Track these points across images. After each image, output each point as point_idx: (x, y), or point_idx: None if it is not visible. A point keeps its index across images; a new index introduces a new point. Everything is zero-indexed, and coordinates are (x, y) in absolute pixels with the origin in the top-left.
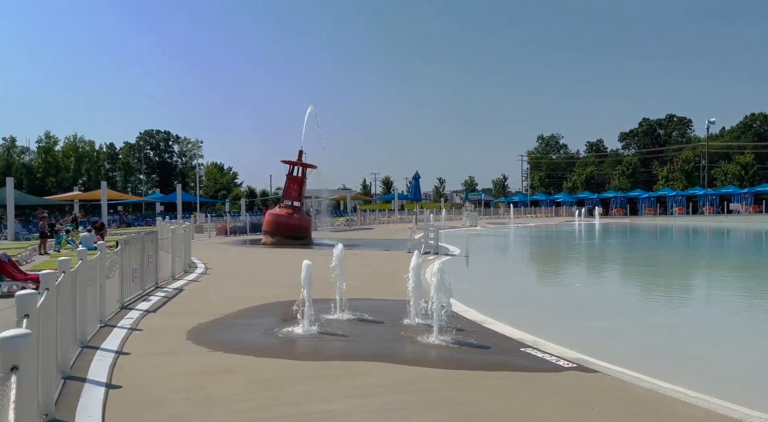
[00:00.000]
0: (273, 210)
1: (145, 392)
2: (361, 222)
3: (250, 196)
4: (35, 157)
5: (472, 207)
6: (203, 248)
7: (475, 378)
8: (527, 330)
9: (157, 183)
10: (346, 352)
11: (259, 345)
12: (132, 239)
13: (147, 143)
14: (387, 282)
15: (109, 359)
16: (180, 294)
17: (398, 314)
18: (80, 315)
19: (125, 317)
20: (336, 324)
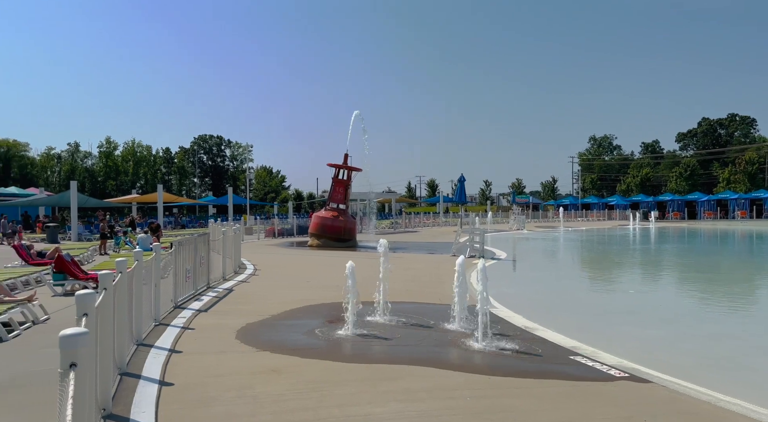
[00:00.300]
0: (319, 213)
1: (195, 390)
2: (405, 225)
3: (298, 199)
4: (97, 161)
5: (519, 210)
6: (252, 249)
7: (523, 385)
8: (577, 337)
9: (209, 186)
10: (390, 355)
11: (304, 345)
12: (185, 240)
13: (201, 147)
14: (431, 286)
15: (162, 356)
16: (230, 294)
17: (443, 318)
18: (136, 314)
19: (178, 316)
20: (380, 327)
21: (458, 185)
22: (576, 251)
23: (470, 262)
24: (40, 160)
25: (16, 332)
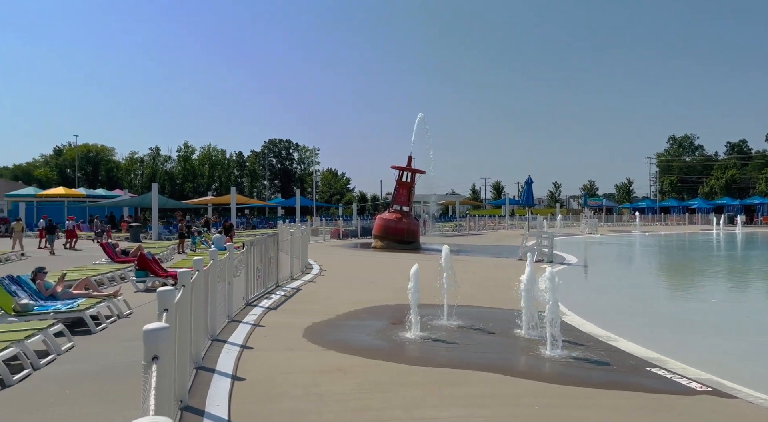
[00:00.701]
0: (383, 215)
1: (265, 386)
2: (469, 228)
3: (362, 200)
4: (176, 165)
5: (591, 213)
6: (318, 250)
7: (595, 396)
8: (653, 347)
9: (278, 188)
10: (455, 360)
11: (369, 346)
12: (256, 241)
13: (270, 151)
14: (497, 290)
15: (235, 352)
16: (297, 294)
17: (509, 323)
18: (211, 310)
19: (249, 313)
20: (444, 331)
21: (525, 187)
22: (653, 257)
23: (538, 266)
24: (125, 163)
25: (102, 325)
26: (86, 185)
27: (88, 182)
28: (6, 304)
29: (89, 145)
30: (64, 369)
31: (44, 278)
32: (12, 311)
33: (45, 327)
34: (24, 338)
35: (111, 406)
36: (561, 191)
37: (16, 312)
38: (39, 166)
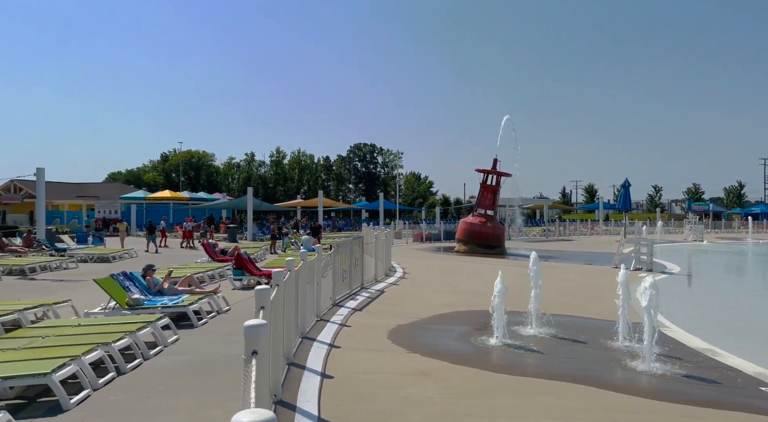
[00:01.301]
0: (467, 218)
1: (352, 384)
2: (559, 233)
3: (445, 204)
4: (268, 169)
5: (696, 219)
6: (401, 253)
7: (698, 415)
8: (766, 364)
9: (363, 192)
10: (543, 369)
11: (453, 351)
12: (342, 243)
13: (356, 155)
14: (589, 299)
15: (323, 350)
16: (382, 296)
17: (601, 334)
18: (301, 309)
19: (336, 313)
20: (531, 339)
21: (622, 190)
22: (766, 267)
23: (635, 275)
24: (223, 168)
25: (204, 320)
26: (189, 188)
27: (191, 185)
28: (121, 298)
29: (192, 151)
30: (170, 360)
31: (153, 275)
32: (125, 305)
33: (154, 320)
34: (136, 330)
35: (212, 397)
36: (662, 194)
37: (128, 306)
38: (148, 171)
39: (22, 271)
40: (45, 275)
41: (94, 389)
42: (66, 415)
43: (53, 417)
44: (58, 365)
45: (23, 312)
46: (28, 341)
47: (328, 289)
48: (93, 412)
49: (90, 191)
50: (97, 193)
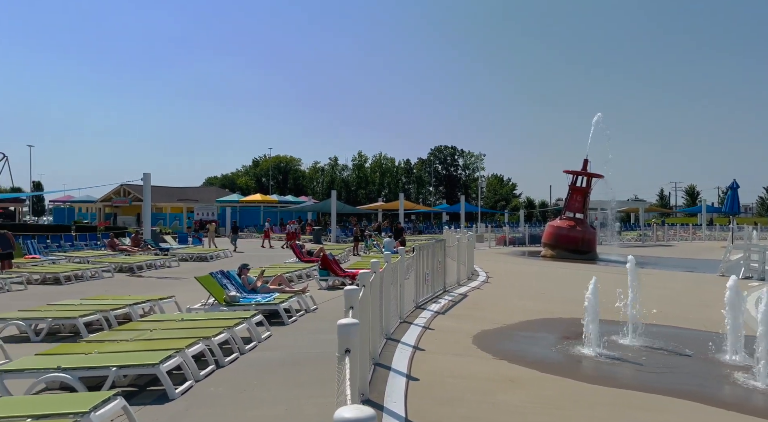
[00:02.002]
0: (554, 222)
1: (438, 388)
2: (657, 238)
3: (529, 207)
4: (351, 173)
5: None
6: (483, 257)
7: None
8: None
9: (443, 195)
10: (641, 382)
11: (542, 359)
12: (424, 246)
13: (436, 157)
14: (692, 308)
15: (408, 352)
16: (465, 300)
17: (707, 347)
18: (385, 311)
19: (419, 316)
20: (628, 350)
21: (729, 192)
22: None
23: (746, 284)
24: (309, 172)
25: (293, 318)
26: (277, 192)
27: (279, 189)
28: (219, 295)
29: (280, 156)
30: (264, 355)
31: (247, 274)
32: (223, 302)
33: (249, 317)
34: (233, 325)
35: (304, 392)
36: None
37: (226, 302)
38: (240, 175)
39: (131, 268)
40: (150, 273)
41: (196, 380)
42: (172, 404)
43: (161, 405)
44: (165, 356)
45: (133, 307)
46: (138, 333)
47: (411, 291)
48: (196, 402)
49: (189, 195)
50: (196, 196)
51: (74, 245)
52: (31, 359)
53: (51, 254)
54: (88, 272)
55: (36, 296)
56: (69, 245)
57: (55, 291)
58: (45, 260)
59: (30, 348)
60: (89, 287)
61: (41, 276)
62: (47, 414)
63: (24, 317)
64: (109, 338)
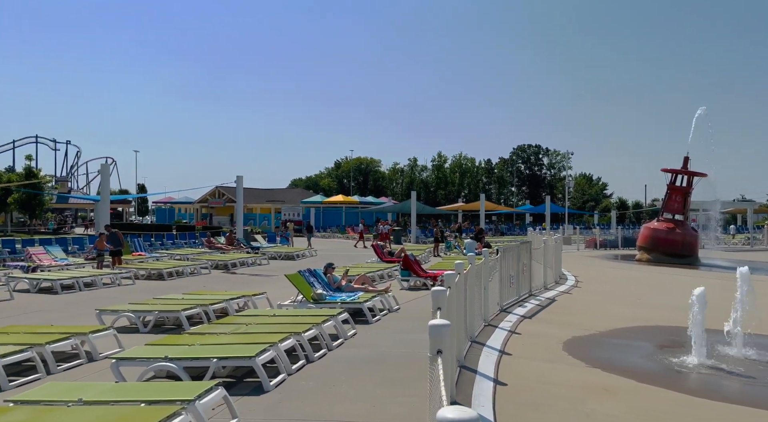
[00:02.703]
0: (650, 224)
1: (527, 393)
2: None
3: (621, 208)
4: (430, 173)
5: None
6: (572, 260)
7: None
8: None
9: (526, 195)
10: (754, 397)
11: (640, 368)
12: (509, 247)
13: (519, 157)
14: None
15: (494, 356)
16: (552, 304)
17: None
18: (469, 313)
19: (504, 320)
20: (737, 361)
21: None
22: None
23: None
24: (389, 173)
25: (377, 317)
26: (358, 193)
27: (360, 190)
28: (307, 292)
29: (361, 158)
30: (351, 352)
31: (332, 273)
32: (311, 299)
33: (335, 314)
34: (321, 322)
35: (390, 389)
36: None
37: (313, 300)
38: (323, 177)
39: (226, 266)
40: (243, 270)
41: (288, 374)
42: (267, 395)
43: (256, 396)
44: (261, 350)
45: (229, 302)
46: (235, 327)
47: (495, 294)
48: (289, 395)
49: (277, 196)
50: (283, 198)
51: (175, 243)
52: (141, 348)
53: (155, 252)
54: (188, 268)
55: (142, 290)
56: (170, 243)
57: (159, 286)
58: (150, 257)
59: (139, 338)
60: (189, 282)
61: (147, 272)
62: (158, 400)
63: (134, 309)
64: (209, 331)
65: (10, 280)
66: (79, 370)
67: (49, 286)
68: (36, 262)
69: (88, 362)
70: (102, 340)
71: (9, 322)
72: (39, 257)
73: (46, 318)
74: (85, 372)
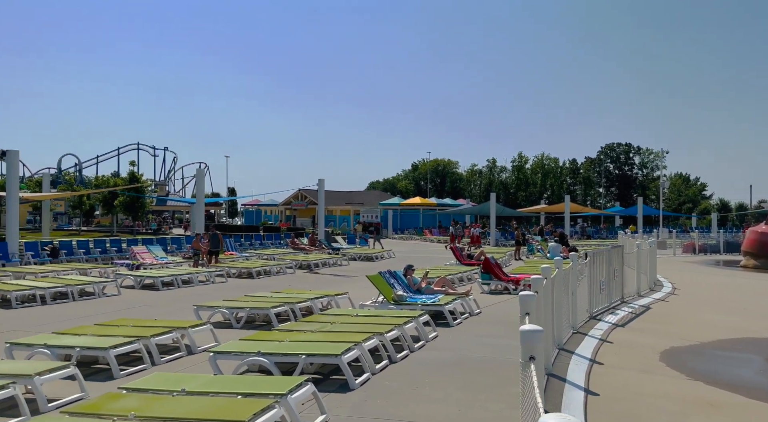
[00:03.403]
0: (757, 227)
1: (622, 405)
2: None
3: (723, 210)
4: (510, 175)
5: None
6: (668, 265)
7: None
8: None
9: (615, 196)
10: None
11: (748, 383)
12: (599, 252)
13: (607, 156)
14: None
15: (584, 365)
16: (647, 312)
17: None
18: (556, 319)
19: (594, 327)
20: None
21: None
22: None
23: None
24: (466, 175)
25: (458, 320)
26: (435, 195)
27: (437, 192)
28: (388, 293)
29: (438, 159)
30: (433, 355)
31: (412, 274)
32: (391, 300)
33: (417, 316)
34: (403, 323)
35: (475, 394)
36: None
37: (394, 301)
38: (400, 179)
39: (309, 266)
40: (325, 270)
41: (372, 373)
42: (352, 393)
43: (342, 393)
44: (346, 348)
45: (314, 301)
46: (320, 325)
47: (584, 301)
48: (374, 394)
49: (355, 199)
50: (361, 200)
51: (262, 244)
52: (236, 343)
53: (244, 252)
54: (274, 268)
55: (234, 288)
56: (258, 243)
57: (248, 284)
58: (240, 256)
59: (232, 333)
60: (275, 281)
61: (238, 271)
62: (252, 392)
63: (228, 306)
64: (296, 328)
65: (118, 277)
66: (179, 362)
67: (152, 283)
68: (139, 260)
69: (188, 354)
70: (200, 334)
71: (118, 316)
72: (142, 256)
73: (149, 313)
74: (185, 364)
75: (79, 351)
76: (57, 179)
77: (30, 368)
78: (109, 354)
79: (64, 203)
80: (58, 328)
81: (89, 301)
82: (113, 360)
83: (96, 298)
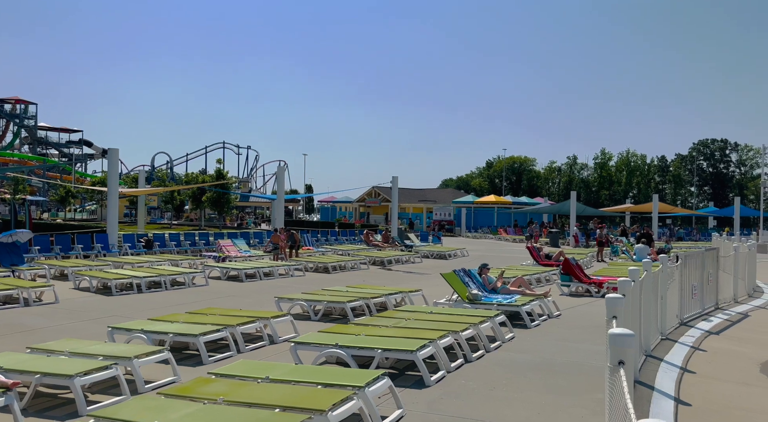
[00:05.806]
0: None
1: (717, 417)
2: None
3: None
4: (591, 172)
5: None
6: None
7: None
8: None
9: (709, 196)
10: None
11: None
12: (691, 254)
13: (700, 153)
14: None
15: (673, 373)
16: (745, 320)
17: None
18: (644, 324)
19: (685, 334)
20: None
21: None
22: None
23: None
24: (544, 172)
25: (536, 322)
26: (510, 193)
27: (512, 190)
28: (462, 292)
29: (514, 157)
30: (510, 356)
31: (487, 273)
32: (466, 299)
33: (493, 316)
34: (478, 322)
35: (557, 398)
36: None
37: (468, 300)
38: (474, 177)
39: (382, 262)
40: (398, 267)
41: (447, 371)
42: (428, 390)
43: (418, 389)
44: (421, 345)
45: (388, 296)
46: (395, 321)
47: (674, 306)
48: (449, 392)
49: (428, 196)
50: (434, 198)
51: (338, 240)
52: (315, 335)
53: (321, 247)
54: (349, 263)
55: (311, 281)
56: (333, 239)
57: (324, 278)
58: (317, 251)
59: (310, 325)
60: (350, 276)
61: (314, 265)
62: (332, 383)
63: (306, 298)
64: (372, 323)
65: (206, 268)
66: (262, 351)
67: (236, 274)
68: (225, 253)
69: (270, 344)
70: (281, 325)
71: (206, 305)
72: (227, 249)
73: (234, 303)
74: (268, 353)
75: (172, 337)
76: (151, 175)
77: (129, 351)
78: (199, 340)
79: (157, 198)
80: (152, 315)
81: (180, 290)
82: (203, 347)
83: (186, 287)
